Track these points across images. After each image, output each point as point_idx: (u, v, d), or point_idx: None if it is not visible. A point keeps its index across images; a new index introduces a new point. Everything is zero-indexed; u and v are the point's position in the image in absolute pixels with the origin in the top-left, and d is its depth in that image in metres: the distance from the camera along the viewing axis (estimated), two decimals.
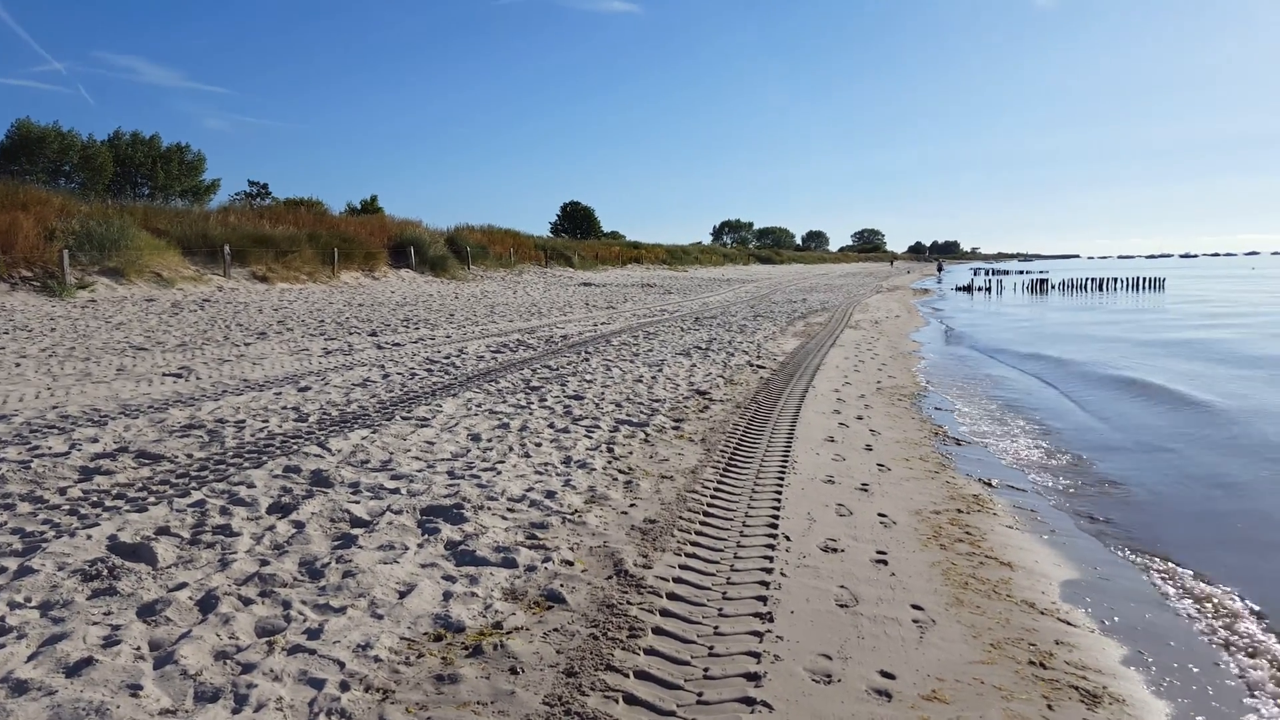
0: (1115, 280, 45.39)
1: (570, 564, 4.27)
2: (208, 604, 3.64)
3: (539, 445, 6.66)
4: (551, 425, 7.40)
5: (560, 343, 14.03)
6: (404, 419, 7.47)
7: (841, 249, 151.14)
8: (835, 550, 4.71)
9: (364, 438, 6.72)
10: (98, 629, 3.35)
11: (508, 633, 3.51)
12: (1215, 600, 4.56)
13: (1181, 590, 4.70)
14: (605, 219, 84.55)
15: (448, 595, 3.83)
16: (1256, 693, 3.60)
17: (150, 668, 3.09)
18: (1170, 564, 5.09)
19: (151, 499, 5.02)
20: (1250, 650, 3.99)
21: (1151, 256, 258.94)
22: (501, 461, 6.12)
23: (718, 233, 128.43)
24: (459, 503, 5.05)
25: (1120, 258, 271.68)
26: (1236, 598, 4.59)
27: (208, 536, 4.48)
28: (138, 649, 3.21)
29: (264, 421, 7.27)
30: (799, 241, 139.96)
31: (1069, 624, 4.09)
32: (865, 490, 6.02)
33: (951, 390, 11.56)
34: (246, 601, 3.69)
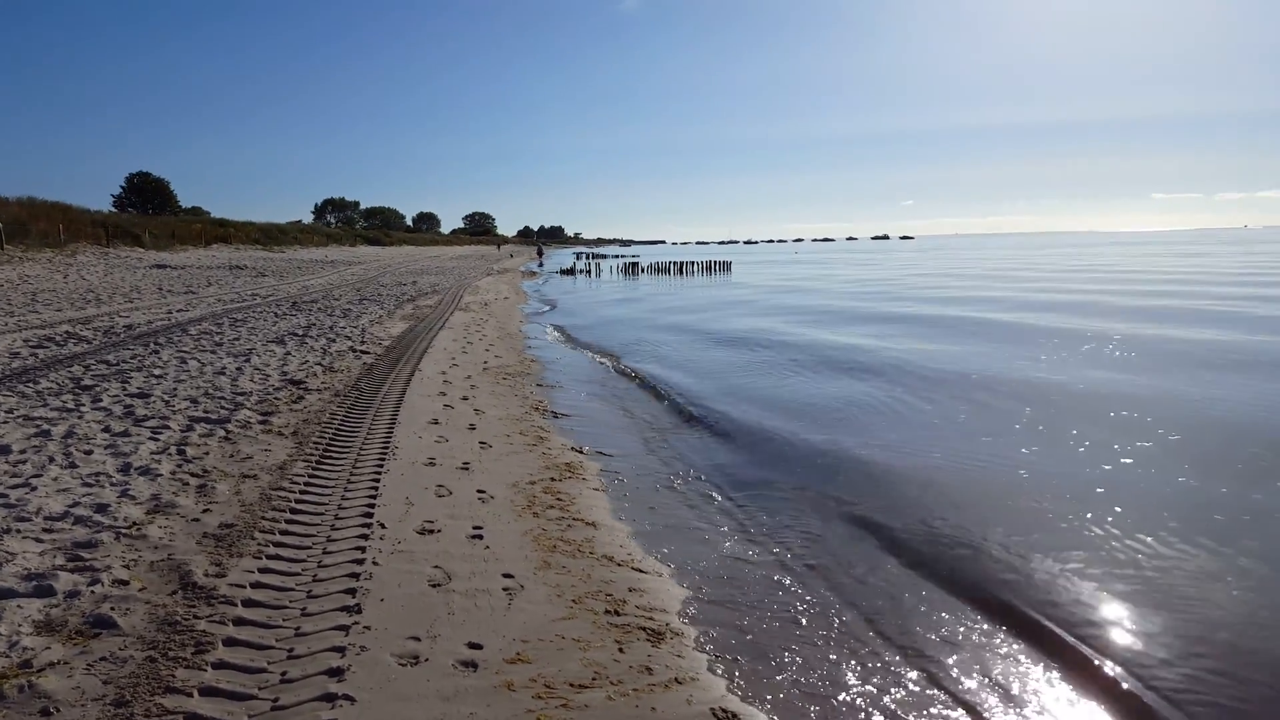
0: (693, 264, 51.33)
1: (125, 583, 3.76)
2: None
3: (89, 453, 5.74)
4: (107, 429, 6.42)
5: (124, 334, 12.21)
6: None
7: (454, 231, 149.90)
8: (432, 531, 4.75)
9: None
10: None
11: (39, 670, 3.00)
12: (764, 538, 5.41)
13: (739, 533, 5.50)
14: (185, 194, 74.31)
15: None
16: (796, 625, 4.36)
17: None
18: (730, 512, 5.92)
19: None
20: (791, 587, 4.81)
21: (722, 243, 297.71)
22: (38, 475, 5.18)
23: (320, 211, 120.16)
24: None
25: (698, 243, 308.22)
26: (784, 534, 5.51)
27: None
28: None
29: None
30: (409, 223, 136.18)
31: (641, 571, 4.58)
32: (466, 469, 6.13)
33: (553, 367, 12.23)
34: None
